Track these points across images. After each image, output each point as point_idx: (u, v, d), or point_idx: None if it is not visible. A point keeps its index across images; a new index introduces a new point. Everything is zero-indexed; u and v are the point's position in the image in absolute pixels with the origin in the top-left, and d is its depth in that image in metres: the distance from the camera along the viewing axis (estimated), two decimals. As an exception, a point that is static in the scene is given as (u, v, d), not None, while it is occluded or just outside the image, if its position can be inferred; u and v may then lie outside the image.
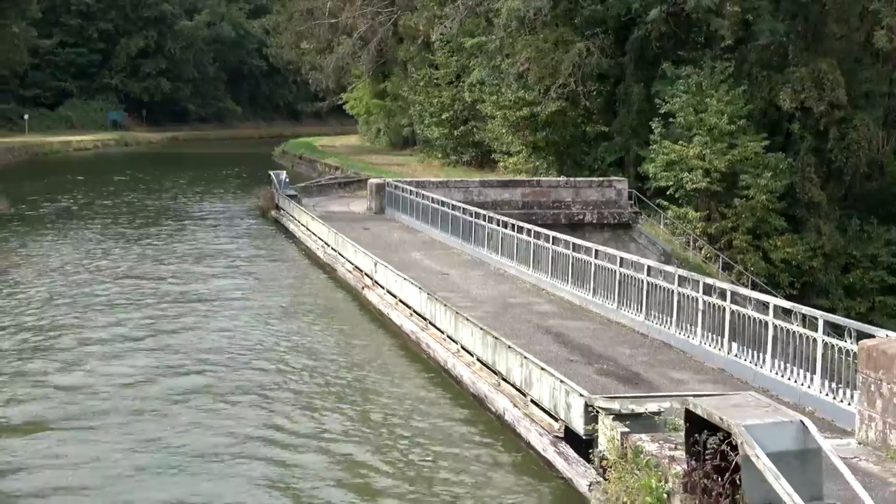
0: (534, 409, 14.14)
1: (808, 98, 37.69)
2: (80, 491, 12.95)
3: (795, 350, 13.73)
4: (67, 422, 15.78)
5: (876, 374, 11.47)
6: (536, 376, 14.07)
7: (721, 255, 35.82)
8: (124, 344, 20.85)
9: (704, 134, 37.20)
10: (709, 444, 8.90)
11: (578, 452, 12.54)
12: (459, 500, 12.68)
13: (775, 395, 13.68)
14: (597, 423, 11.93)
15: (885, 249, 38.60)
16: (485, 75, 48.45)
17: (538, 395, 14.04)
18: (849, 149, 38.55)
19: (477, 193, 35.46)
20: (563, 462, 12.58)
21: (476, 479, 13.32)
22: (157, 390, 17.55)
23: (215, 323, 22.94)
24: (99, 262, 30.93)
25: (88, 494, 12.85)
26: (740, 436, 8.43)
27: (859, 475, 10.83)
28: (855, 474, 10.91)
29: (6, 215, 41.54)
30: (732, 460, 8.63)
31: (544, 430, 13.54)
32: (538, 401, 14.05)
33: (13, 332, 21.57)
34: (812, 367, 13.36)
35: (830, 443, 11.91)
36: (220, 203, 49.78)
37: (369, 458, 14.26)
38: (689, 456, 9.36)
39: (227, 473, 13.66)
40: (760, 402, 9.26)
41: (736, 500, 8.75)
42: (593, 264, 20.33)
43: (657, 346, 17.26)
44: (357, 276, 26.17)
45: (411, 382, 18.29)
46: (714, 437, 8.88)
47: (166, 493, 12.84)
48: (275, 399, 17.15)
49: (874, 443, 11.57)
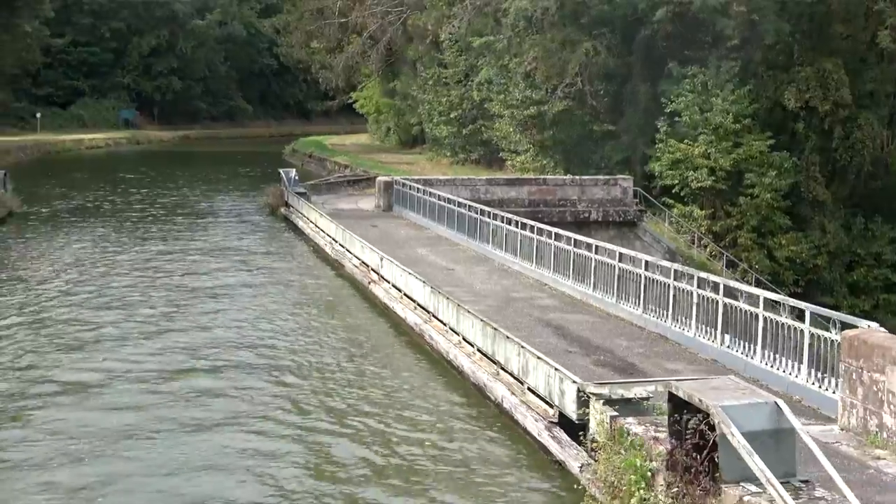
0: (530, 396, 14.65)
1: (812, 97, 38.06)
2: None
3: (784, 341, 14.17)
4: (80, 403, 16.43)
5: (857, 363, 11.90)
6: (533, 364, 14.57)
7: (725, 253, 36.19)
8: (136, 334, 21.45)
9: (710, 133, 37.59)
10: (689, 425, 9.37)
11: (571, 437, 13.05)
12: (457, 484, 13.18)
13: (765, 385, 14.10)
14: (588, 408, 12.42)
15: (890, 247, 38.88)
16: (493, 74, 48.95)
17: (534, 383, 14.54)
18: (853, 148, 38.89)
19: (484, 191, 35.95)
20: (557, 446, 13.09)
21: (474, 464, 13.83)
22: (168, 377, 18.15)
23: (224, 316, 23.50)
24: (111, 259, 31.52)
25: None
26: (717, 416, 8.89)
27: (840, 459, 11.32)
28: (836, 458, 11.40)
29: (19, 213, 42.18)
30: (711, 439, 9.09)
31: (540, 416, 14.05)
32: (534, 388, 14.56)
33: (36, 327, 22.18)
34: (799, 358, 13.80)
35: (814, 429, 12.41)
36: (231, 200, 50.38)
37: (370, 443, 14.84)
38: (671, 436, 9.83)
39: (223, 446, 14.43)
40: (739, 385, 9.72)
41: (715, 477, 9.20)
42: (594, 260, 20.80)
43: (653, 338, 17.72)
44: (363, 271, 26.68)
45: (413, 372, 18.84)
46: (694, 417, 9.34)
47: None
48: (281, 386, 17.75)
49: (855, 429, 11.99)
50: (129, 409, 16.30)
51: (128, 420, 15.73)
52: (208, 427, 15.53)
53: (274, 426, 15.57)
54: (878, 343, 11.61)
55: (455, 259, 26.89)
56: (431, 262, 26.26)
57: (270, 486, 13.14)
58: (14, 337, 21.00)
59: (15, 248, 33.42)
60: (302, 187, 42.41)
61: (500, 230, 26.25)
